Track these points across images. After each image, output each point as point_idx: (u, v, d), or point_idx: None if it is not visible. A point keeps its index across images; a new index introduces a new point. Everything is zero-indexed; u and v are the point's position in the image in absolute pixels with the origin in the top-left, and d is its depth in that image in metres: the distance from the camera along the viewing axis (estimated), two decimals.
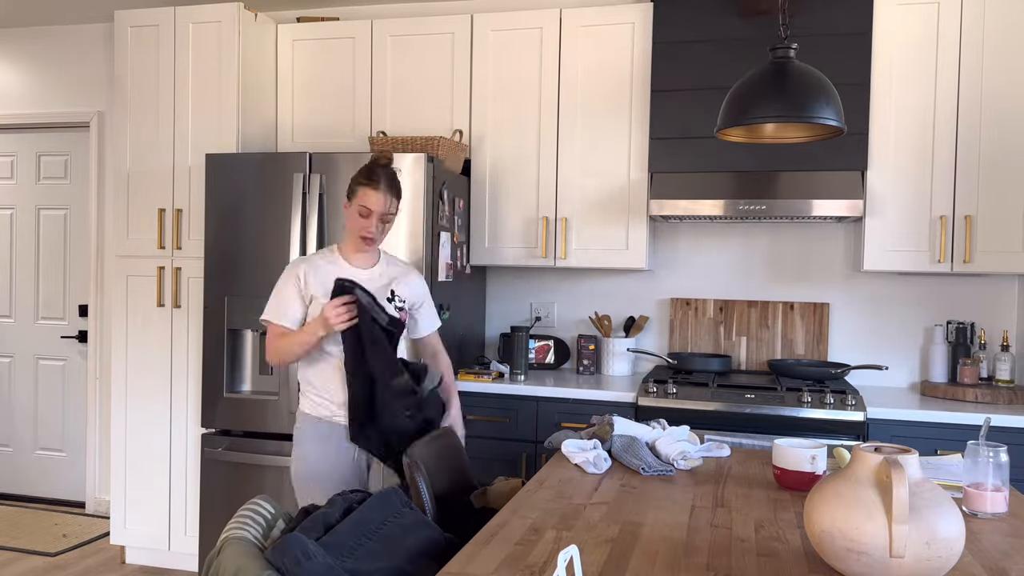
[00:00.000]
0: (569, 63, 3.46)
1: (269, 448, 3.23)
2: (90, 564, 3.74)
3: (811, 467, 1.82)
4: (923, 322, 3.47)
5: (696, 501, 1.74)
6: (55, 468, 4.60)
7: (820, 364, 3.43)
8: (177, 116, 3.58)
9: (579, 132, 3.45)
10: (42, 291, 4.62)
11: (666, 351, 3.72)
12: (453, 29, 3.57)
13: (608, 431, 2.16)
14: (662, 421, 2.29)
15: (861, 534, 1.23)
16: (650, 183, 3.33)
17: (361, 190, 2.40)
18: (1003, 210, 3.07)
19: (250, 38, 3.57)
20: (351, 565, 1.50)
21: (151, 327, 3.61)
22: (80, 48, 4.44)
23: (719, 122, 2.20)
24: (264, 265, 3.24)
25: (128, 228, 3.64)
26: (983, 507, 1.65)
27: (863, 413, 2.88)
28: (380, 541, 1.59)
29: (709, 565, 1.36)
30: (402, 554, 1.59)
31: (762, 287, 3.62)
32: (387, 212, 2.41)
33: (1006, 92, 3.06)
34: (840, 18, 3.15)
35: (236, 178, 3.27)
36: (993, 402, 3.03)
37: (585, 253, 3.43)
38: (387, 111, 3.65)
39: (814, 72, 2.10)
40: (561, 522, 1.59)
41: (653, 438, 2.16)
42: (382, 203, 2.39)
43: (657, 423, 2.29)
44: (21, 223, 4.65)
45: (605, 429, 2.17)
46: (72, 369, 4.56)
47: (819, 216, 3.14)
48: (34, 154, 4.61)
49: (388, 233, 2.58)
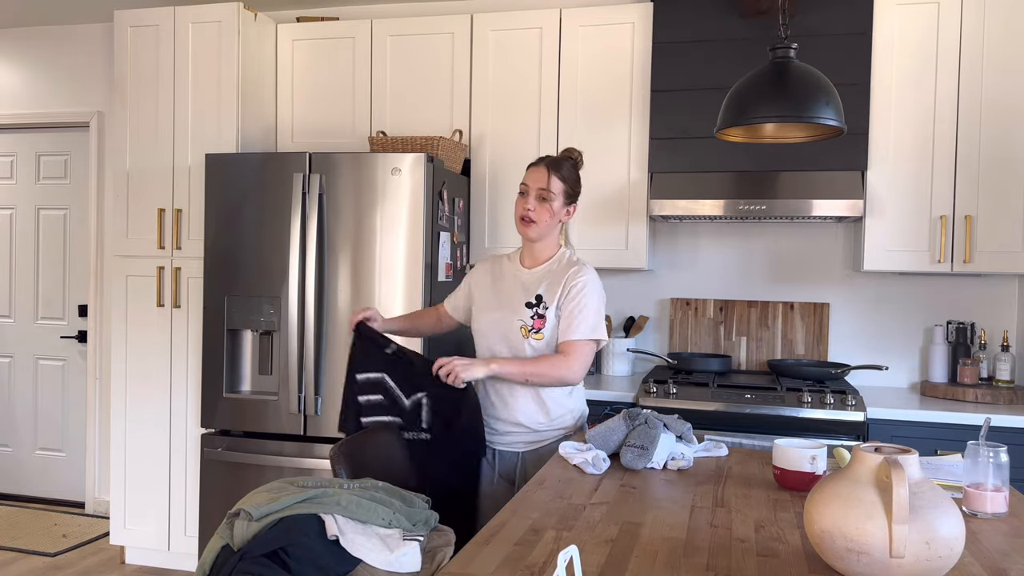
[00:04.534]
0: (569, 63, 3.45)
1: (269, 448, 3.23)
2: (90, 564, 3.74)
3: (811, 467, 1.82)
4: (923, 322, 3.47)
5: (696, 501, 1.74)
6: (55, 468, 4.60)
7: (820, 364, 3.43)
8: (177, 116, 3.58)
9: (579, 132, 3.45)
10: (42, 291, 4.62)
11: (666, 351, 3.72)
12: (453, 29, 3.57)
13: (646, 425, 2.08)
14: (661, 418, 2.27)
15: (861, 534, 1.23)
16: (650, 183, 3.33)
17: (526, 172, 2.38)
18: (1003, 210, 3.07)
19: (250, 38, 3.57)
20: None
21: (151, 327, 3.61)
22: (80, 48, 4.44)
23: (719, 122, 2.20)
24: (264, 265, 3.23)
25: (128, 228, 3.64)
26: (983, 507, 1.65)
27: (863, 413, 2.88)
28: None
29: (709, 565, 1.36)
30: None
31: (762, 287, 3.61)
32: (547, 189, 2.31)
33: (1006, 92, 3.06)
34: (840, 18, 3.15)
35: (236, 178, 3.26)
36: (993, 402, 3.03)
37: (585, 253, 3.43)
38: (387, 111, 3.65)
39: (814, 72, 2.10)
40: (561, 522, 1.58)
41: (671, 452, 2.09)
42: (539, 178, 2.32)
43: (655, 419, 2.24)
44: (21, 223, 4.65)
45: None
46: (72, 369, 4.56)
47: (819, 216, 3.13)
48: (34, 154, 4.61)
49: (552, 222, 2.37)
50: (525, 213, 2.34)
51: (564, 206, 2.37)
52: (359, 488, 1.73)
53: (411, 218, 3.10)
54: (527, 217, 2.33)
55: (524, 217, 2.34)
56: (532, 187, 2.33)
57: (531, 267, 2.42)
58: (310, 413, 3.20)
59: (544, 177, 2.32)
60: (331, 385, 3.19)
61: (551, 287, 2.35)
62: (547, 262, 2.41)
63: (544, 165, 2.34)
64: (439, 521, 1.81)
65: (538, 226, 2.34)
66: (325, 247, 3.19)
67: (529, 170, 2.37)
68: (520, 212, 2.35)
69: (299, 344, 3.18)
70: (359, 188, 3.15)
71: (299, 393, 3.20)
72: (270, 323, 3.24)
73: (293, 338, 3.17)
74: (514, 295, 2.38)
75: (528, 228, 2.35)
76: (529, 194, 2.33)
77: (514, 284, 2.40)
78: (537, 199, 2.33)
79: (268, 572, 1.48)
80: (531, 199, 2.33)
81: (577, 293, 2.32)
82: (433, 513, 1.80)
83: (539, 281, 2.37)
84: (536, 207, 2.33)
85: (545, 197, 2.32)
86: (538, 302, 2.34)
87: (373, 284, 3.14)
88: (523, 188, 2.35)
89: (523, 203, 2.34)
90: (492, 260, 2.52)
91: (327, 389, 3.19)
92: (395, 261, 3.12)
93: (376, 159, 3.14)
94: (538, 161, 2.37)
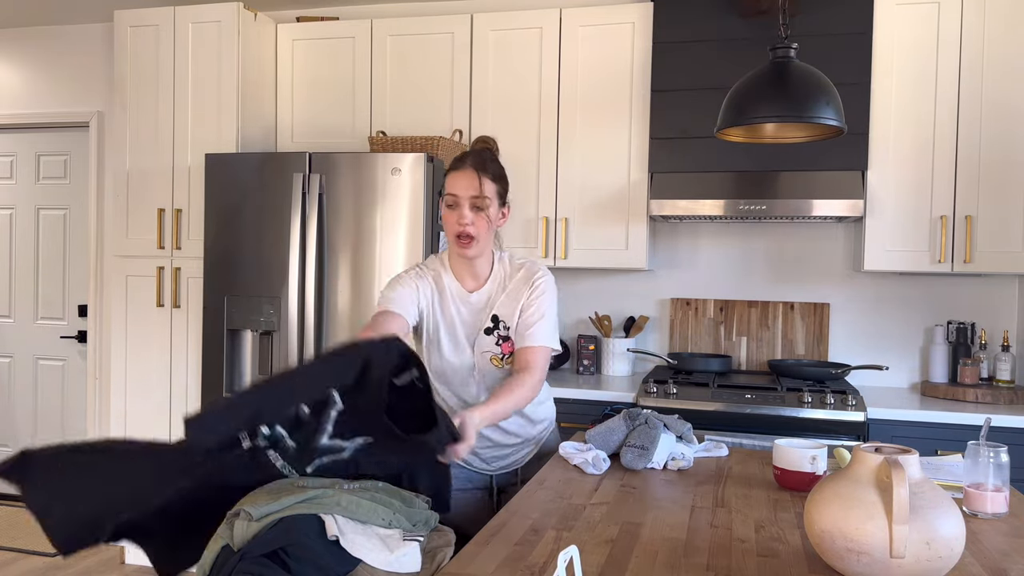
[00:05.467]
0: (569, 63, 3.45)
1: None
2: (89, 564, 3.74)
3: (811, 467, 1.82)
4: (923, 322, 3.47)
5: (696, 501, 1.74)
6: None
7: (820, 364, 3.43)
8: (177, 116, 3.57)
9: (579, 132, 3.45)
10: (41, 291, 4.62)
11: (666, 351, 3.72)
12: (453, 29, 3.57)
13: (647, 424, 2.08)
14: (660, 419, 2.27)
15: (861, 534, 1.23)
16: (650, 183, 3.33)
17: (447, 180, 1.99)
18: (1003, 210, 3.07)
19: (250, 38, 3.57)
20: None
21: (150, 327, 3.61)
22: (80, 48, 4.44)
23: (719, 122, 2.20)
24: (264, 265, 3.23)
25: (127, 228, 3.64)
26: (983, 507, 1.65)
27: (863, 413, 2.88)
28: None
29: (709, 565, 1.36)
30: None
31: (762, 287, 3.61)
32: (479, 195, 1.96)
33: (1006, 92, 3.06)
34: (840, 18, 3.15)
35: (236, 178, 3.26)
36: (993, 402, 3.03)
37: (585, 253, 3.43)
38: (387, 111, 3.65)
39: (814, 72, 2.10)
40: (561, 522, 1.58)
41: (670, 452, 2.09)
42: (467, 184, 1.95)
43: (656, 419, 2.25)
44: (21, 223, 4.65)
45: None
46: (71, 369, 4.56)
47: (819, 216, 3.13)
48: (34, 154, 4.61)
49: (490, 233, 2.04)
50: (462, 230, 1.96)
51: (499, 208, 2.03)
52: (359, 489, 1.73)
53: (411, 218, 3.10)
54: (465, 233, 1.96)
55: (461, 234, 1.97)
56: (463, 196, 1.96)
57: (475, 290, 2.07)
58: None
59: (475, 182, 1.96)
60: None
61: (507, 303, 2.06)
62: (489, 280, 2.08)
63: (471, 167, 1.97)
64: (439, 522, 1.81)
65: (478, 242, 1.98)
66: (325, 247, 3.19)
67: (452, 175, 1.98)
68: (455, 229, 1.97)
69: (299, 344, 3.18)
70: (359, 188, 3.15)
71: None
72: (270, 323, 3.24)
73: (293, 338, 3.17)
74: (471, 327, 2.06)
75: (468, 247, 1.98)
76: (461, 205, 1.96)
77: (465, 314, 2.07)
78: (471, 209, 1.97)
79: (268, 572, 1.48)
80: (465, 210, 1.96)
81: (539, 295, 2.04)
82: (433, 513, 1.79)
83: (489, 304, 2.06)
84: (473, 219, 1.97)
85: (479, 205, 1.97)
86: (495, 323, 2.05)
87: (373, 284, 3.14)
88: (451, 200, 1.97)
89: (455, 217, 1.97)
90: (427, 276, 2.09)
91: None
92: (395, 261, 3.12)
93: (376, 159, 3.14)
94: (460, 163, 1.99)
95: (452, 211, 1.98)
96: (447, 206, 1.99)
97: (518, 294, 2.05)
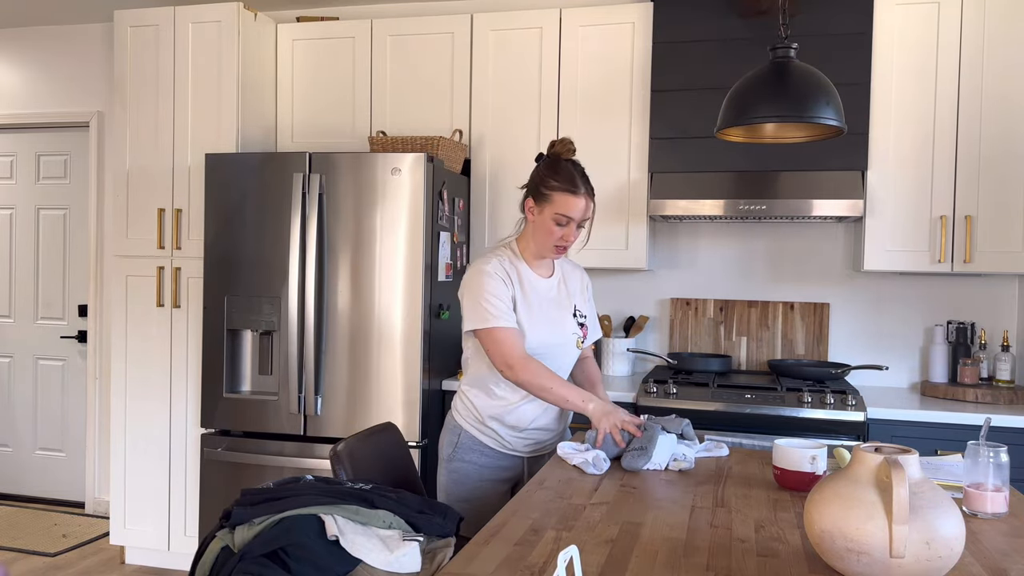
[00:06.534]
0: (569, 63, 3.45)
1: (269, 448, 3.23)
2: (90, 564, 3.74)
3: (811, 467, 1.82)
4: (923, 322, 3.47)
5: (696, 501, 1.74)
6: (55, 468, 4.60)
7: (820, 364, 3.43)
8: (177, 116, 3.57)
9: (579, 132, 3.45)
10: (41, 291, 4.62)
11: (666, 351, 3.72)
12: (453, 29, 3.57)
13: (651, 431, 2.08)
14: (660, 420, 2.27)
15: (861, 534, 1.23)
16: (650, 183, 3.33)
17: (559, 197, 2.17)
18: (1003, 210, 3.07)
19: (250, 38, 3.57)
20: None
21: (151, 327, 3.61)
22: (80, 48, 4.44)
23: (719, 122, 2.20)
24: (264, 265, 3.23)
25: (127, 228, 3.64)
26: (983, 507, 1.65)
27: (863, 413, 2.88)
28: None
29: (709, 565, 1.36)
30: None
31: (762, 287, 3.61)
32: (586, 217, 2.20)
33: (1006, 92, 3.06)
34: (840, 18, 3.15)
35: (236, 178, 3.26)
36: (993, 402, 3.03)
37: (585, 253, 3.43)
38: (387, 111, 3.65)
39: (814, 72, 2.10)
40: (561, 522, 1.58)
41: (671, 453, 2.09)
42: (583, 209, 2.18)
43: (652, 423, 2.25)
44: (21, 223, 4.65)
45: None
46: (72, 369, 4.56)
47: (819, 216, 3.13)
48: (33, 154, 4.61)
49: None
50: (566, 244, 2.23)
51: None
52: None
53: (411, 218, 3.10)
54: (563, 247, 2.24)
55: (561, 246, 2.23)
56: (576, 219, 2.19)
57: (548, 276, 2.34)
58: (310, 413, 3.20)
59: (588, 208, 2.20)
60: (331, 385, 3.19)
61: (574, 290, 2.38)
62: (556, 268, 2.38)
63: (585, 195, 2.18)
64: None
65: (568, 249, 2.29)
66: (325, 247, 3.19)
67: (567, 198, 2.17)
68: (557, 243, 2.22)
69: (299, 344, 3.18)
70: (359, 188, 3.15)
71: (299, 393, 3.20)
72: (270, 323, 3.24)
73: (293, 338, 3.17)
74: (554, 309, 2.30)
75: (562, 255, 2.29)
76: (571, 225, 2.20)
77: (547, 296, 2.30)
78: (577, 228, 2.22)
79: (268, 572, 1.48)
80: (573, 229, 2.21)
81: (590, 292, 2.45)
82: (444, 523, 1.80)
83: (562, 288, 2.35)
84: (576, 236, 2.24)
85: (582, 225, 2.23)
86: (574, 311, 2.35)
87: (373, 284, 3.14)
88: (562, 219, 2.18)
89: (562, 233, 2.20)
90: (502, 266, 2.26)
91: (327, 389, 3.19)
92: (395, 261, 3.12)
93: (376, 159, 3.14)
94: (576, 189, 2.17)
95: (560, 228, 2.20)
96: (556, 224, 2.19)
97: (575, 282, 2.40)
